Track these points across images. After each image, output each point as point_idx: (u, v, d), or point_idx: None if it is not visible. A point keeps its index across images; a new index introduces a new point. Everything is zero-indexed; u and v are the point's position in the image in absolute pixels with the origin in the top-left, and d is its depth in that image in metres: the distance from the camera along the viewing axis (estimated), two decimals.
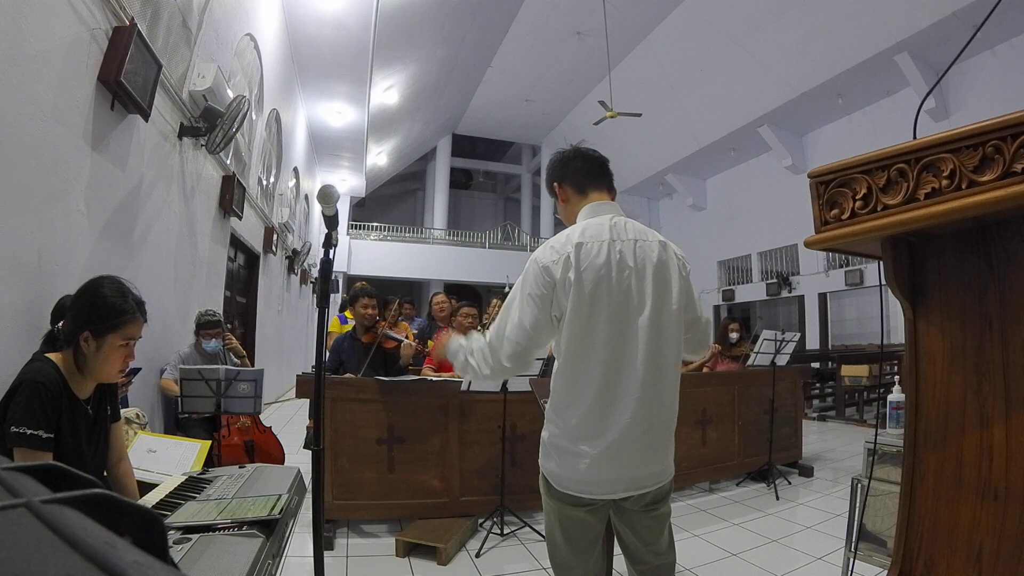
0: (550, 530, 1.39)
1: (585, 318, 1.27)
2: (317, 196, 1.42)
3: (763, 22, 8.75)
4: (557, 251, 1.30)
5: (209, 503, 1.34)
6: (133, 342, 1.47)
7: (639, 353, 1.27)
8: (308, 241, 10.14)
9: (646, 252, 1.32)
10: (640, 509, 1.35)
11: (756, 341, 4.00)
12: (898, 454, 1.80)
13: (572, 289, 1.26)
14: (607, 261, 1.28)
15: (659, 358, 1.29)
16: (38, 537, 0.20)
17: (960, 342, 0.88)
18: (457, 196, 19.68)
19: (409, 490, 2.95)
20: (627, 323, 1.28)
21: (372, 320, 3.39)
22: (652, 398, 1.28)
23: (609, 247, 1.29)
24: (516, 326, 1.30)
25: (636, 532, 1.37)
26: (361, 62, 7.22)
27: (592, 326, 1.27)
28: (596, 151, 1.50)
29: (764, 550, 2.74)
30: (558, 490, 1.32)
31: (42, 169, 2.21)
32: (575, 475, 1.29)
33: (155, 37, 3.15)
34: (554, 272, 1.28)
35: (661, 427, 1.31)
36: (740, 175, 12.57)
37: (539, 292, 1.29)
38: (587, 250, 1.28)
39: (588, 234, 1.32)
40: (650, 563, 1.40)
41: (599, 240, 1.30)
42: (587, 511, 1.33)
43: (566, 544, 1.36)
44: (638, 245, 1.32)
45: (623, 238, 1.32)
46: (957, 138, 0.77)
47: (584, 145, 1.52)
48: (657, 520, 1.37)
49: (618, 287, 1.28)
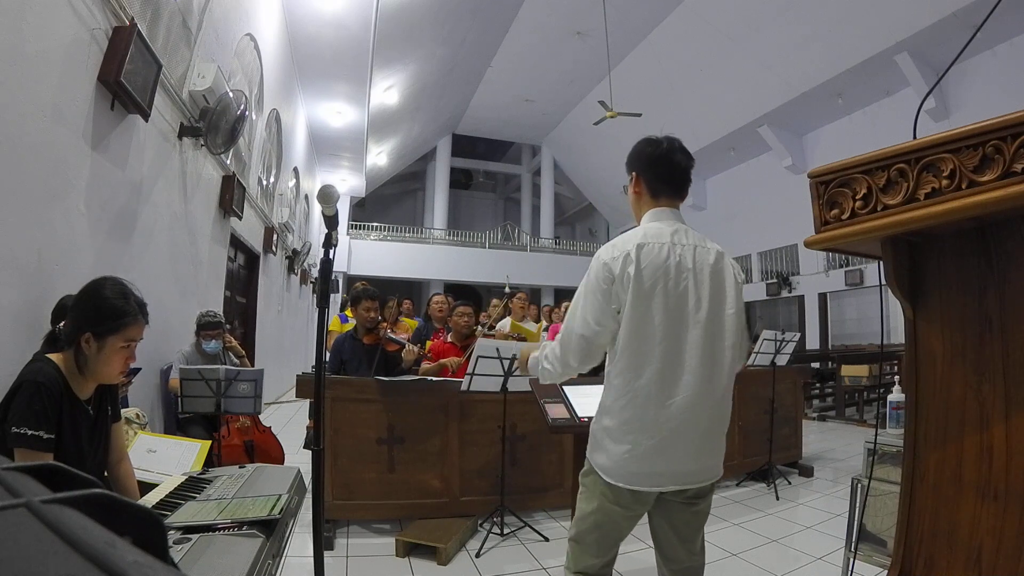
0: (583, 519, 1.41)
1: (643, 313, 1.31)
2: (317, 196, 1.42)
3: (763, 22, 8.75)
4: (619, 248, 1.36)
5: (209, 503, 1.34)
6: (134, 343, 1.47)
7: (696, 351, 1.31)
8: (308, 241, 10.13)
9: (704, 257, 1.38)
10: (682, 501, 1.38)
11: (756, 341, 3.99)
12: (898, 454, 1.80)
13: (631, 284, 1.31)
14: (666, 262, 1.33)
15: (714, 358, 1.34)
16: (38, 537, 0.20)
17: (960, 342, 0.88)
18: (457, 196, 19.67)
19: (409, 490, 2.95)
20: (684, 321, 1.32)
21: (374, 323, 3.39)
22: (707, 396, 1.32)
23: (669, 249, 1.35)
24: (581, 322, 1.36)
25: (674, 526, 1.41)
26: (361, 62, 7.22)
27: (649, 321, 1.31)
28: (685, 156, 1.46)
29: (764, 550, 2.74)
30: (606, 481, 1.35)
31: (42, 169, 2.21)
32: (625, 467, 1.32)
33: (155, 37, 3.15)
34: (614, 268, 1.33)
35: (714, 425, 1.35)
36: (740, 175, 12.57)
37: (601, 287, 1.35)
38: (648, 250, 1.34)
39: (650, 235, 1.37)
40: (683, 563, 1.43)
41: (660, 242, 1.36)
42: (625, 515, 1.36)
43: (596, 535, 1.39)
44: (697, 251, 1.38)
45: (683, 243, 1.37)
46: (957, 138, 0.77)
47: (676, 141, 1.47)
48: (697, 516, 1.41)
49: (675, 287, 1.33)
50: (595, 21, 9.88)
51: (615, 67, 10.78)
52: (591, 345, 1.37)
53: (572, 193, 19.12)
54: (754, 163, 12.04)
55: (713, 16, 9.25)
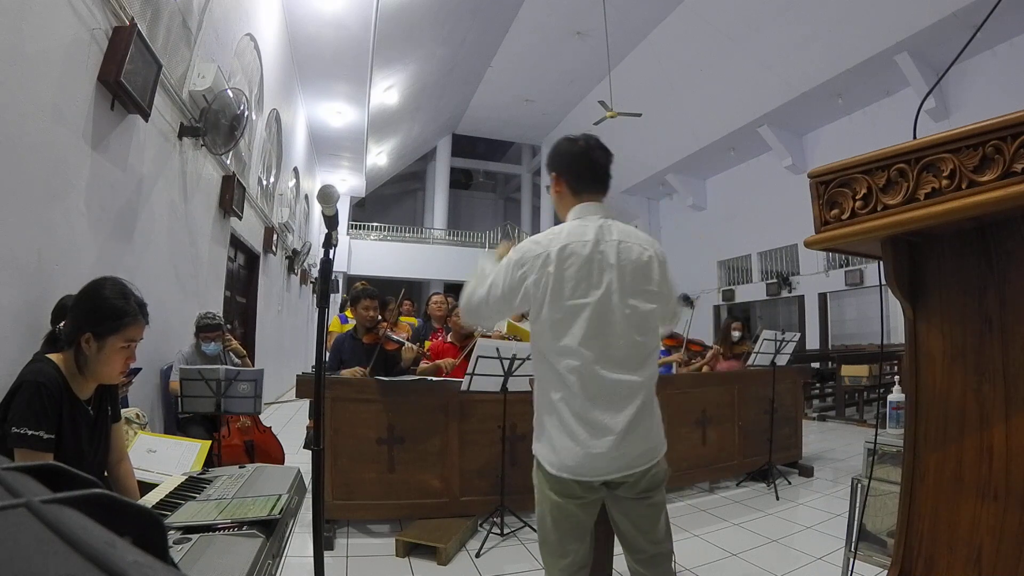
0: (541, 519, 1.43)
1: (564, 314, 1.35)
2: (317, 196, 1.42)
3: (763, 22, 8.74)
4: (541, 247, 1.39)
5: (209, 503, 1.34)
6: (134, 344, 1.47)
7: (620, 345, 1.35)
8: (308, 241, 10.13)
9: (628, 252, 1.41)
10: (634, 497, 1.39)
11: (757, 341, 3.99)
12: (898, 454, 1.80)
13: (550, 286, 1.35)
14: (588, 260, 1.37)
15: (638, 350, 1.38)
16: (38, 537, 0.20)
17: (960, 342, 0.88)
18: (457, 196, 19.67)
19: (409, 490, 2.95)
20: (608, 317, 1.36)
21: (374, 322, 3.38)
22: (633, 387, 1.35)
23: (592, 247, 1.38)
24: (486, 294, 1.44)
25: (632, 520, 1.41)
26: (361, 62, 7.22)
27: (572, 321, 1.35)
28: (603, 152, 1.50)
29: (764, 550, 2.74)
30: (551, 475, 1.37)
31: (42, 169, 2.21)
32: (564, 459, 1.34)
33: (155, 37, 3.15)
34: (533, 267, 1.38)
35: (642, 413, 1.36)
36: (740, 175, 12.56)
37: (517, 272, 1.40)
38: (570, 250, 1.37)
39: (574, 235, 1.40)
40: (647, 551, 1.43)
41: (582, 240, 1.39)
42: (577, 504, 1.37)
43: (556, 533, 1.40)
44: (621, 246, 1.41)
45: (607, 239, 1.40)
46: (957, 138, 0.77)
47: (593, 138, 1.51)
48: (652, 509, 1.41)
49: (597, 286, 1.36)
50: (595, 21, 9.88)
51: (615, 67, 10.77)
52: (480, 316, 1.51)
53: None
54: (754, 163, 12.04)
55: (713, 16, 9.25)
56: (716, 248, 13.13)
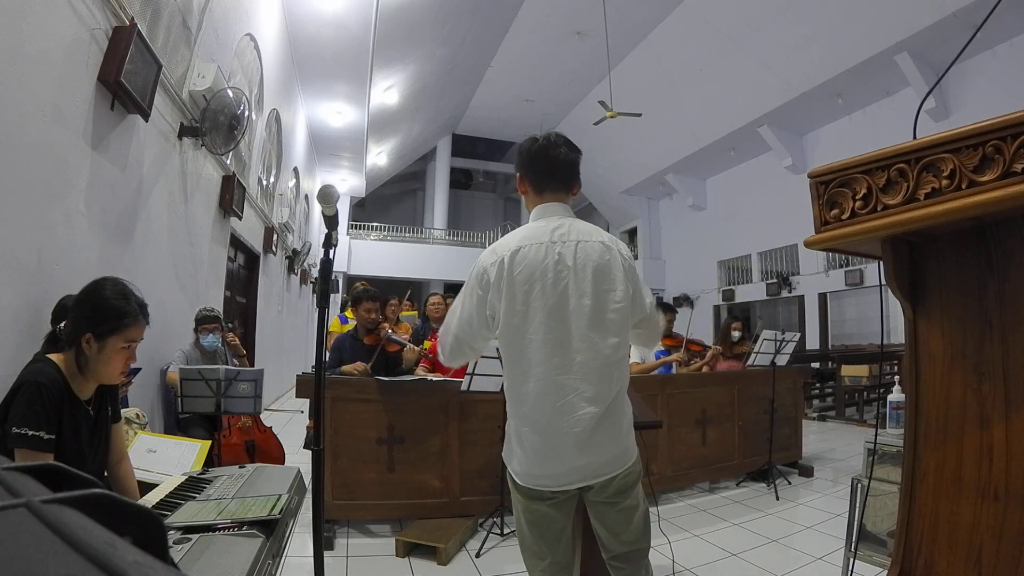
0: (518, 521, 1.44)
1: (520, 319, 1.32)
2: (317, 196, 1.42)
3: (763, 22, 8.74)
4: (496, 254, 1.38)
5: (209, 503, 1.34)
6: (135, 344, 1.47)
7: (582, 350, 1.31)
8: (308, 241, 10.13)
9: (587, 253, 1.35)
10: (604, 501, 1.38)
11: (757, 341, 3.99)
12: (898, 454, 1.80)
13: (504, 292, 1.32)
14: (543, 263, 1.33)
15: (600, 352, 1.32)
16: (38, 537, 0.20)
17: (960, 342, 0.88)
18: (457, 196, 19.67)
19: (409, 490, 2.95)
20: (565, 321, 1.32)
21: (375, 323, 3.38)
22: (594, 394, 1.30)
23: (547, 249, 1.34)
24: (457, 322, 1.41)
25: (604, 524, 1.41)
26: (361, 62, 7.22)
27: (527, 326, 1.32)
28: (566, 149, 1.44)
29: (764, 550, 2.74)
30: (519, 484, 1.37)
31: (42, 169, 2.21)
32: (528, 469, 1.34)
33: (155, 37, 3.15)
34: (490, 274, 1.36)
35: (604, 420, 1.32)
36: (740, 175, 12.56)
37: (477, 293, 1.38)
38: (523, 254, 1.34)
39: (530, 237, 1.37)
40: (618, 551, 1.42)
41: (539, 242, 1.35)
42: (549, 505, 1.36)
43: (532, 535, 1.40)
44: (579, 246, 1.36)
45: (565, 240, 1.36)
46: (957, 138, 0.77)
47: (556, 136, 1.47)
48: (623, 513, 1.39)
49: (554, 287, 1.32)
50: (595, 21, 9.88)
51: (615, 67, 10.77)
52: (462, 346, 1.42)
53: None
54: (754, 163, 12.04)
55: (713, 16, 9.25)
56: (716, 248, 13.13)
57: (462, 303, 1.41)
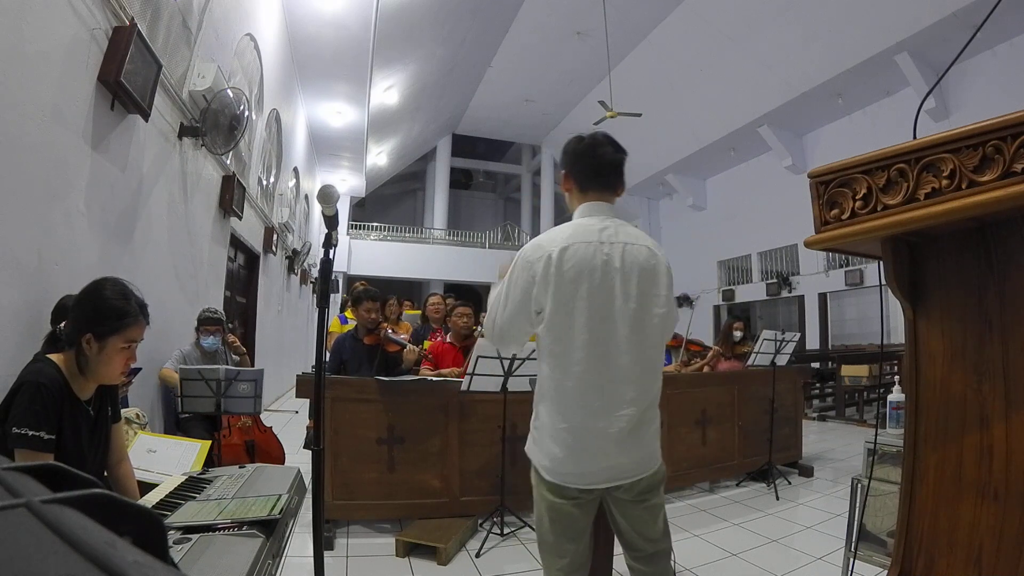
0: (539, 518, 1.42)
1: (566, 315, 1.32)
2: (317, 196, 1.42)
3: (763, 22, 8.74)
4: (543, 249, 1.35)
5: (209, 503, 1.34)
6: (135, 344, 1.47)
7: (624, 351, 1.32)
8: (308, 241, 10.13)
9: (635, 256, 1.36)
10: (632, 499, 1.38)
11: (757, 341, 3.99)
12: (898, 454, 1.80)
13: (552, 288, 1.32)
14: (592, 261, 1.33)
15: (642, 355, 1.34)
16: (38, 537, 0.20)
17: (960, 342, 0.88)
18: (457, 196, 19.66)
19: (409, 490, 2.95)
20: (610, 322, 1.32)
21: (375, 324, 3.38)
22: (633, 395, 1.32)
23: (596, 248, 1.34)
24: (501, 313, 1.40)
25: (629, 522, 1.41)
26: (361, 62, 7.22)
27: (573, 322, 1.32)
28: (611, 149, 1.45)
29: (764, 550, 2.74)
30: (546, 479, 1.36)
31: (42, 169, 2.21)
32: (559, 465, 1.33)
33: (155, 37, 3.15)
34: (536, 269, 1.34)
35: (641, 421, 1.34)
36: (740, 175, 12.56)
37: (522, 286, 1.36)
38: (573, 251, 1.33)
39: (577, 235, 1.36)
40: (644, 550, 1.42)
41: (586, 241, 1.35)
42: (573, 504, 1.36)
43: (553, 534, 1.39)
44: (627, 249, 1.36)
45: (612, 241, 1.36)
46: (957, 138, 0.77)
47: (603, 136, 1.47)
48: (649, 511, 1.40)
49: (601, 287, 1.32)
50: (595, 21, 9.88)
51: (615, 67, 10.77)
52: (506, 336, 1.42)
53: None
54: (754, 163, 12.04)
55: (713, 16, 9.25)
56: (716, 248, 13.13)
57: (506, 296, 1.39)
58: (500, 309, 1.40)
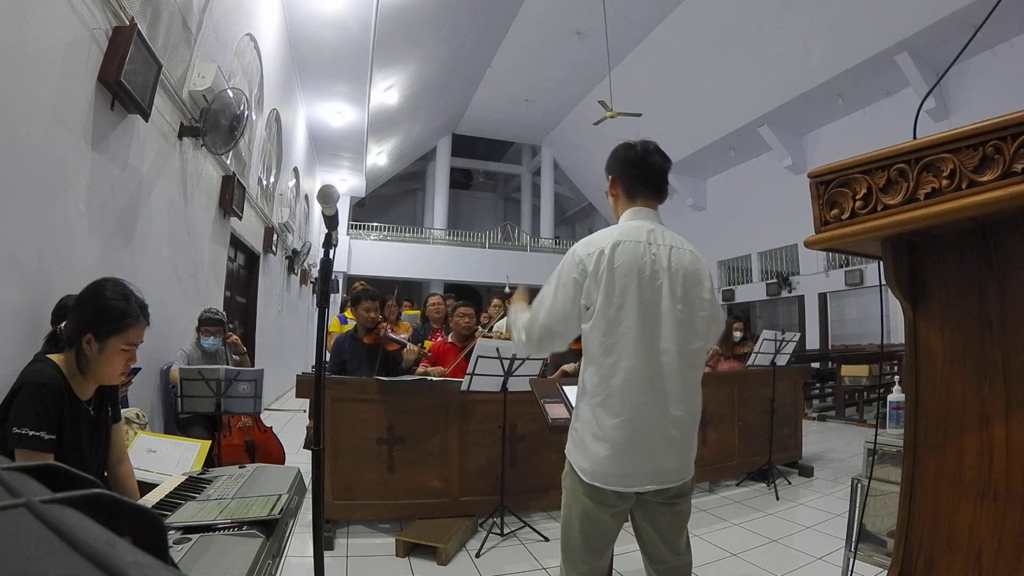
0: (568, 523, 1.41)
1: (616, 311, 1.33)
2: (317, 196, 1.42)
3: (763, 22, 8.75)
4: (594, 245, 1.38)
5: (209, 503, 1.34)
6: (135, 345, 1.47)
7: (670, 350, 1.33)
8: (308, 241, 10.13)
9: (680, 258, 1.39)
10: (663, 502, 1.38)
11: (757, 341, 3.99)
12: (898, 454, 1.80)
13: (603, 283, 1.33)
14: (641, 259, 1.35)
15: (688, 357, 1.36)
16: (38, 537, 0.20)
17: (960, 342, 0.88)
18: (457, 196, 19.66)
19: (409, 490, 2.95)
20: (658, 320, 1.34)
21: (374, 323, 3.38)
22: (680, 394, 1.33)
23: (645, 248, 1.36)
24: (548, 312, 1.39)
25: (657, 528, 1.40)
26: (361, 62, 7.22)
27: (622, 319, 1.33)
28: (659, 158, 1.47)
29: (764, 550, 2.74)
30: (585, 482, 1.35)
31: (42, 169, 2.21)
32: (603, 467, 1.32)
33: (155, 37, 3.15)
34: (587, 264, 1.35)
35: (686, 423, 1.36)
36: (740, 175, 12.56)
37: (573, 282, 1.37)
38: (624, 248, 1.35)
39: (627, 234, 1.39)
40: (669, 562, 1.42)
41: (636, 240, 1.37)
42: (609, 514, 1.36)
43: (583, 541, 1.39)
44: (673, 251, 1.39)
45: (659, 243, 1.39)
46: (957, 138, 0.77)
47: (652, 144, 1.49)
48: (678, 516, 1.41)
49: (650, 286, 1.34)
50: (595, 21, 9.88)
51: (615, 67, 10.77)
52: (553, 336, 1.41)
53: (572, 193, 19.11)
54: (754, 163, 12.04)
55: (713, 16, 9.25)
56: (716, 248, 13.11)
57: (553, 293, 1.39)
58: (542, 308, 1.40)
